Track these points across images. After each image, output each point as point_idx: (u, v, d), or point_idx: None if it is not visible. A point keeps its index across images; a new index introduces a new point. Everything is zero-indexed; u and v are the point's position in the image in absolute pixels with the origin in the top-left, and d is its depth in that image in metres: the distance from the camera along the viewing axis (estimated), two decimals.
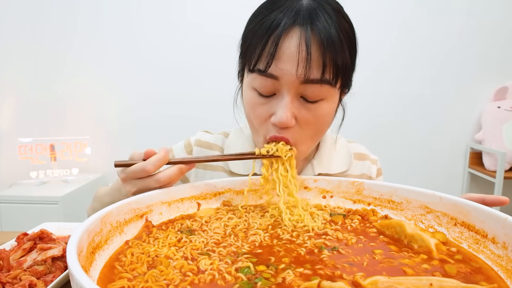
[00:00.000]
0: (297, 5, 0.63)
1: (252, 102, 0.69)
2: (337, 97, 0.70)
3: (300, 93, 0.65)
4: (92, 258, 0.43)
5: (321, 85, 0.63)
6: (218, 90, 2.38)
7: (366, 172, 0.89)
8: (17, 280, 0.49)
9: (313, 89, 0.64)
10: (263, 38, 0.63)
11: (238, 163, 0.85)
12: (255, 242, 0.53)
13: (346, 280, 0.41)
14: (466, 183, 2.59)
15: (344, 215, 0.63)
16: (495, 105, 2.44)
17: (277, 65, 0.63)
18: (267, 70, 0.63)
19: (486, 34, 2.44)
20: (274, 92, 0.66)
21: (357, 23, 0.75)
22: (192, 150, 0.91)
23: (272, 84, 0.65)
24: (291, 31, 0.62)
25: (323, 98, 0.66)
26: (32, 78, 2.59)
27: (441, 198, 0.57)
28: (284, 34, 0.62)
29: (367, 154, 0.92)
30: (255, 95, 0.68)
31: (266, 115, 0.68)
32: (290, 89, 0.64)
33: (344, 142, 0.92)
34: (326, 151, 0.87)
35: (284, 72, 0.62)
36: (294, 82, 0.63)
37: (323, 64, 0.61)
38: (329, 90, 0.65)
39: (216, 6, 2.44)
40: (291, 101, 0.65)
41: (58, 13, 2.55)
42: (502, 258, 0.45)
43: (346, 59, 0.64)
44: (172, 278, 0.41)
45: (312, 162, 0.85)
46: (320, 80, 0.63)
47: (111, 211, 0.50)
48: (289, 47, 0.62)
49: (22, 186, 2.38)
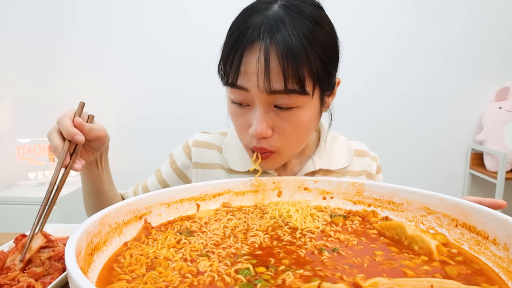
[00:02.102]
0: (263, 18, 0.64)
1: (232, 113, 0.74)
2: (315, 103, 0.70)
3: (272, 102, 0.67)
4: (90, 260, 0.43)
5: (288, 95, 0.65)
6: (218, 90, 2.38)
7: (366, 168, 0.90)
8: (15, 282, 0.49)
9: (282, 99, 0.66)
10: (230, 54, 0.66)
11: (237, 161, 0.85)
12: (254, 244, 0.52)
13: (347, 281, 0.41)
14: (467, 184, 2.58)
15: (344, 216, 0.63)
16: (496, 106, 2.43)
17: (243, 79, 0.66)
18: (236, 84, 0.67)
19: (487, 34, 2.44)
20: (248, 104, 0.69)
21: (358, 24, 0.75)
22: (191, 151, 0.92)
23: (245, 96, 0.68)
24: (253, 46, 0.64)
25: (297, 106, 0.67)
26: (30, 79, 2.59)
27: (442, 199, 0.57)
28: (247, 49, 0.64)
29: (367, 151, 0.93)
30: (234, 106, 0.72)
31: (245, 125, 0.71)
32: (261, 100, 0.66)
33: (344, 139, 0.93)
34: (327, 147, 0.88)
35: (251, 85, 0.65)
36: (261, 94, 0.65)
37: (283, 75, 0.63)
38: (300, 99, 0.66)
39: (216, 6, 2.44)
40: (264, 112, 0.67)
41: (56, 13, 2.55)
42: (503, 260, 0.45)
43: (314, 66, 0.64)
44: (171, 279, 0.41)
45: (313, 158, 0.85)
46: (285, 91, 0.64)
47: (110, 212, 0.50)
48: (250, 62, 0.64)
49: (20, 187, 2.38)
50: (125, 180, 1.45)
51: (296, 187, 0.73)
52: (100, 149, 0.76)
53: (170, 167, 0.94)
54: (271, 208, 0.65)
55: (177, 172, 0.93)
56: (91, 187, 0.83)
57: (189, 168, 0.92)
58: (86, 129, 0.67)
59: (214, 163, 0.89)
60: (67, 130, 0.64)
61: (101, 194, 0.84)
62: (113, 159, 1.12)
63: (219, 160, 0.89)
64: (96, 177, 0.81)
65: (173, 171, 0.93)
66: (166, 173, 0.94)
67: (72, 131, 0.64)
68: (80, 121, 0.66)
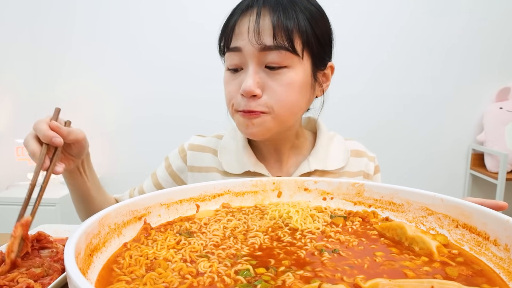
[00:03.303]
0: None
1: (225, 81, 0.78)
2: (305, 69, 0.74)
3: (263, 62, 0.71)
4: (90, 261, 0.43)
5: (278, 51, 0.70)
6: (218, 90, 2.38)
7: (363, 169, 0.90)
8: (14, 282, 0.48)
9: (273, 55, 0.70)
10: (228, 21, 0.75)
11: (232, 162, 0.85)
12: (254, 245, 0.52)
13: (347, 282, 0.41)
14: (468, 184, 2.58)
15: (344, 217, 0.63)
16: (497, 106, 2.43)
17: (237, 39, 0.72)
18: (230, 45, 0.73)
19: (488, 34, 2.43)
20: (242, 67, 0.74)
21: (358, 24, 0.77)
22: (186, 155, 0.92)
23: (239, 58, 0.73)
24: (248, 10, 0.72)
25: (286, 66, 0.71)
26: (29, 79, 2.59)
27: (443, 200, 0.57)
28: (242, 14, 0.72)
29: (364, 151, 0.93)
30: (228, 74, 0.77)
31: (236, 89, 0.74)
32: (252, 59, 0.71)
33: (341, 139, 0.93)
34: (323, 147, 0.87)
35: (243, 43, 0.71)
36: (253, 51, 0.70)
37: (273, 29, 0.69)
38: (290, 57, 0.71)
39: (216, 6, 2.44)
40: (255, 71, 0.71)
41: (56, 13, 2.55)
42: (504, 261, 0.45)
43: (301, 25, 0.70)
44: (171, 280, 0.41)
45: (308, 158, 0.85)
46: (275, 46, 0.69)
47: (109, 213, 0.50)
48: (245, 22, 0.71)
49: (19, 188, 2.38)
50: (125, 181, 1.45)
51: (296, 188, 0.72)
52: (80, 155, 0.76)
53: (166, 170, 0.94)
54: (271, 209, 0.65)
55: (172, 175, 0.93)
56: (78, 195, 0.83)
57: (184, 171, 0.92)
58: (64, 132, 0.67)
59: (209, 166, 0.89)
60: (44, 134, 0.64)
61: (89, 201, 0.84)
62: (112, 160, 1.13)
63: (214, 163, 0.89)
64: (81, 184, 0.81)
65: (169, 174, 0.93)
66: (161, 177, 0.94)
67: (49, 134, 0.64)
68: (57, 124, 0.67)
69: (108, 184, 2.57)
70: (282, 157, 0.88)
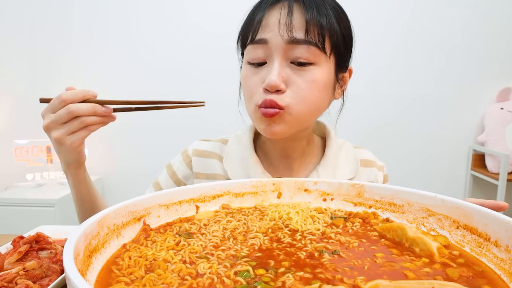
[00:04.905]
0: None
1: (246, 75, 0.75)
2: (330, 68, 0.73)
3: (289, 57, 0.69)
4: (89, 262, 0.43)
5: (308, 46, 0.68)
6: (217, 90, 2.38)
7: (372, 179, 0.88)
8: (13, 284, 0.48)
9: (301, 50, 0.68)
10: (254, 13, 0.72)
11: (238, 171, 0.84)
12: (254, 246, 0.52)
13: (347, 284, 0.40)
14: (469, 185, 2.57)
15: (345, 218, 0.63)
16: (498, 106, 2.43)
17: (264, 31, 0.70)
18: (256, 37, 0.70)
19: (489, 34, 2.43)
20: (265, 61, 0.72)
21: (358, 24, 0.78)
22: (191, 161, 0.89)
23: (263, 51, 0.70)
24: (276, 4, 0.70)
25: (313, 63, 0.69)
26: (28, 79, 2.59)
27: (443, 200, 0.56)
28: (270, 7, 0.70)
29: (373, 161, 0.91)
30: (248, 68, 0.74)
31: (257, 84, 0.72)
32: (278, 52, 0.68)
33: (350, 147, 0.90)
34: (332, 157, 0.85)
35: (271, 35, 0.69)
36: (281, 44, 0.68)
37: (306, 23, 0.67)
38: (318, 55, 0.69)
39: (216, 6, 2.45)
40: (281, 65, 0.69)
41: (55, 13, 2.54)
42: (505, 262, 0.45)
43: (332, 23, 0.69)
44: (170, 282, 0.41)
45: (317, 169, 0.84)
46: (305, 41, 0.67)
47: (108, 214, 0.50)
48: (274, 15, 0.69)
49: (18, 189, 2.38)
50: (124, 181, 1.44)
51: (296, 189, 0.72)
52: None
53: (170, 179, 0.91)
54: (271, 210, 0.64)
55: (178, 183, 0.90)
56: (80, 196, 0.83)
57: (190, 178, 0.90)
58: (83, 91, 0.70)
59: (216, 173, 0.87)
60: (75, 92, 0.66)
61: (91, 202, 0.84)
62: (112, 160, 1.12)
63: (221, 170, 0.87)
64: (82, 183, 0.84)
65: (174, 183, 0.90)
66: (166, 186, 0.91)
67: (81, 90, 0.67)
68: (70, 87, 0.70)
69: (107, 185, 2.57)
70: (293, 164, 0.86)
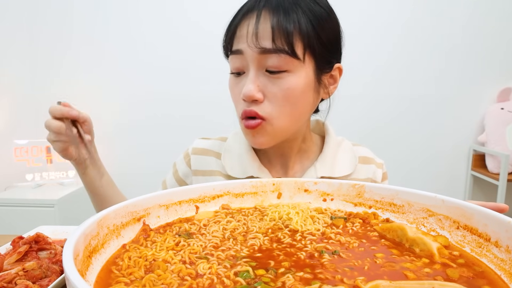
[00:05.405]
0: None
1: (230, 84, 0.78)
2: (307, 73, 0.72)
3: (263, 66, 0.70)
4: (88, 262, 0.43)
5: (278, 55, 0.68)
6: (217, 90, 2.38)
7: (371, 176, 0.88)
8: (13, 284, 0.48)
9: (272, 59, 0.68)
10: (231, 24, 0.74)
11: (235, 166, 0.84)
12: (254, 246, 0.52)
13: (347, 284, 0.40)
14: (469, 185, 2.57)
15: (345, 218, 0.63)
16: (498, 107, 2.43)
17: (238, 42, 0.71)
18: (232, 48, 0.73)
19: (489, 34, 2.43)
20: (244, 70, 0.73)
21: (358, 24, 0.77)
22: (190, 159, 0.91)
23: (240, 61, 0.72)
24: (249, 13, 0.71)
25: (286, 70, 0.70)
26: (28, 79, 2.59)
27: (443, 201, 0.56)
28: (244, 17, 0.72)
29: (372, 158, 0.91)
30: (232, 77, 0.77)
31: (239, 92, 0.73)
32: (253, 62, 0.70)
33: (349, 145, 0.90)
34: (330, 153, 0.86)
35: (244, 46, 0.70)
36: (253, 55, 0.69)
37: (272, 32, 0.67)
38: (290, 62, 0.69)
39: (216, 6, 2.44)
40: (256, 75, 0.70)
41: (55, 13, 2.54)
42: (505, 262, 0.45)
43: (303, 26, 0.68)
44: (170, 282, 0.41)
45: (315, 165, 0.84)
46: (274, 50, 0.67)
47: (108, 214, 0.50)
48: (245, 25, 0.71)
49: (17, 189, 2.38)
50: (124, 182, 1.44)
51: (296, 189, 0.72)
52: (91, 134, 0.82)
53: (173, 177, 0.93)
54: (271, 210, 0.64)
55: (179, 181, 0.92)
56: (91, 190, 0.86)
57: (189, 176, 0.91)
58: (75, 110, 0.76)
59: (212, 169, 0.88)
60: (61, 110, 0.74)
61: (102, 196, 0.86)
62: (111, 161, 1.12)
63: (218, 167, 0.88)
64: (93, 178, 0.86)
65: (176, 181, 0.92)
66: (170, 184, 0.93)
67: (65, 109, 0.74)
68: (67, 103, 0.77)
69: None
70: (288, 162, 0.86)
